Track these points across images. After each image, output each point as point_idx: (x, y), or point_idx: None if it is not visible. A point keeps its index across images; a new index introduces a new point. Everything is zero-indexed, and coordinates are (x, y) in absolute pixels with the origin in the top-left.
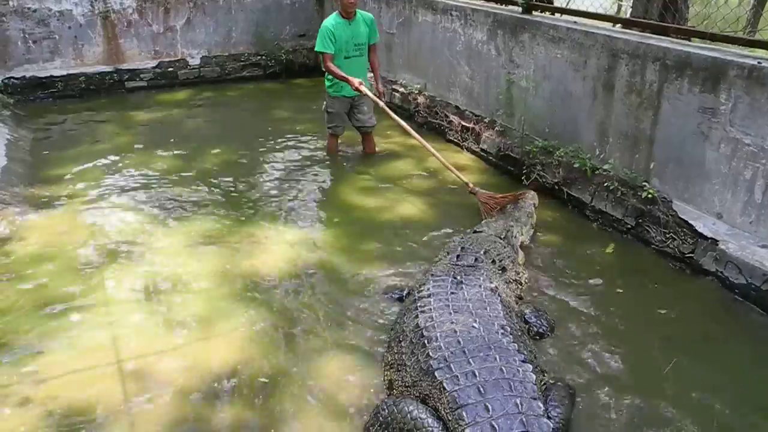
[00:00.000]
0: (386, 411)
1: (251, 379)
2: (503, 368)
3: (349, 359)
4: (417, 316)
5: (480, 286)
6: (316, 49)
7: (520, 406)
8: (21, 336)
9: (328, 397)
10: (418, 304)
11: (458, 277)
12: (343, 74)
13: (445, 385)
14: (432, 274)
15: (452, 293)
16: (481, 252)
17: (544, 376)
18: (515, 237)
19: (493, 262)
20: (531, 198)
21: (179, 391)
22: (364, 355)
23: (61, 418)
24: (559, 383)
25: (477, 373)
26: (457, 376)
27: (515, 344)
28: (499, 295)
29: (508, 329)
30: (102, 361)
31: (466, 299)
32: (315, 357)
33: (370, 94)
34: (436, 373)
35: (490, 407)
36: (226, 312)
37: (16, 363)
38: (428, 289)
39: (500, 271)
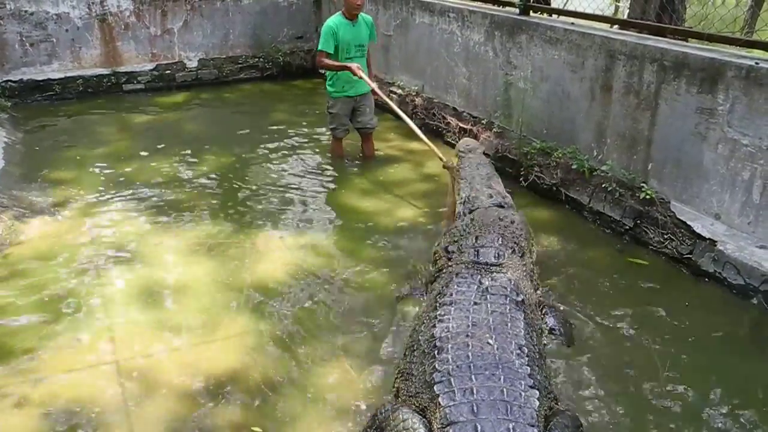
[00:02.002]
0: (382, 415)
1: (252, 383)
2: (505, 389)
3: (350, 364)
4: (435, 326)
5: (506, 297)
6: (318, 48)
7: (512, 431)
8: (19, 337)
9: (329, 401)
10: (438, 312)
11: (484, 282)
12: (340, 63)
13: (440, 399)
14: (456, 274)
15: (475, 304)
16: (498, 241)
17: (556, 403)
18: (505, 194)
19: (513, 251)
20: (474, 144)
21: (178, 393)
22: (365, 360)
23: (59, 418)
24: (567, 411)
25: (475, 391)
26: (454, 392)
27: (528, 367)
28: (524, 311)
29: (526, 350)
30: (101, 362)
31: (489, 312)
32: (316, 362)
33: (365, 77)
34: (435, 387)
35: (479, 428)
36: (226, 315)
37: (15, 363)
38: (451, 294)
39: (520, 257)
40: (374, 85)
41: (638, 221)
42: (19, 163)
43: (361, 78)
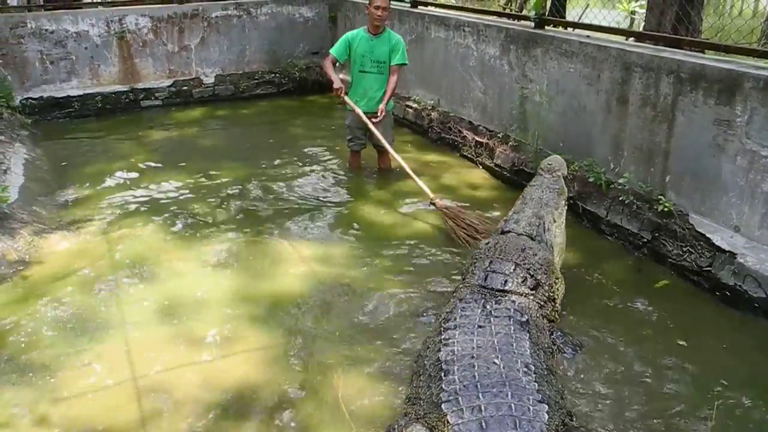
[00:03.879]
0: (395, 430)
1: (270, 397)
2: (513, 405)
3: (367, 378)
4: (440, 350)
5: (510, 318)
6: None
7: None
8: (38, 355)
9: (347, 415)
10: (443, 336)
11: (488, 307)
12: (329, 73)
13: (449, 417)
14: (460, 299)
15: (479, 327)
16: (511, 269)
17: (571, 419)
18: (548, 230)
19: (524, 280)
20: (557, 165)
21: (196, 409)
22: (382, 374)
23: None
24: (581, 428)
25: (483, 408)
26: (462, 410)
27: (536, 384)
28: (529, 331)
29: (533, 368)
30: (119, 379)
31: (493, 333)
32: (333, 376)
33: (347, 100)
34: (443, 406)
35: None
36: (244, 330)
37: (34, 382)
38: (455, 319)
39: (533, 290)
40: (359, 110)
41: (656, 234)
42: (38, 180)
43: (342, 100)
